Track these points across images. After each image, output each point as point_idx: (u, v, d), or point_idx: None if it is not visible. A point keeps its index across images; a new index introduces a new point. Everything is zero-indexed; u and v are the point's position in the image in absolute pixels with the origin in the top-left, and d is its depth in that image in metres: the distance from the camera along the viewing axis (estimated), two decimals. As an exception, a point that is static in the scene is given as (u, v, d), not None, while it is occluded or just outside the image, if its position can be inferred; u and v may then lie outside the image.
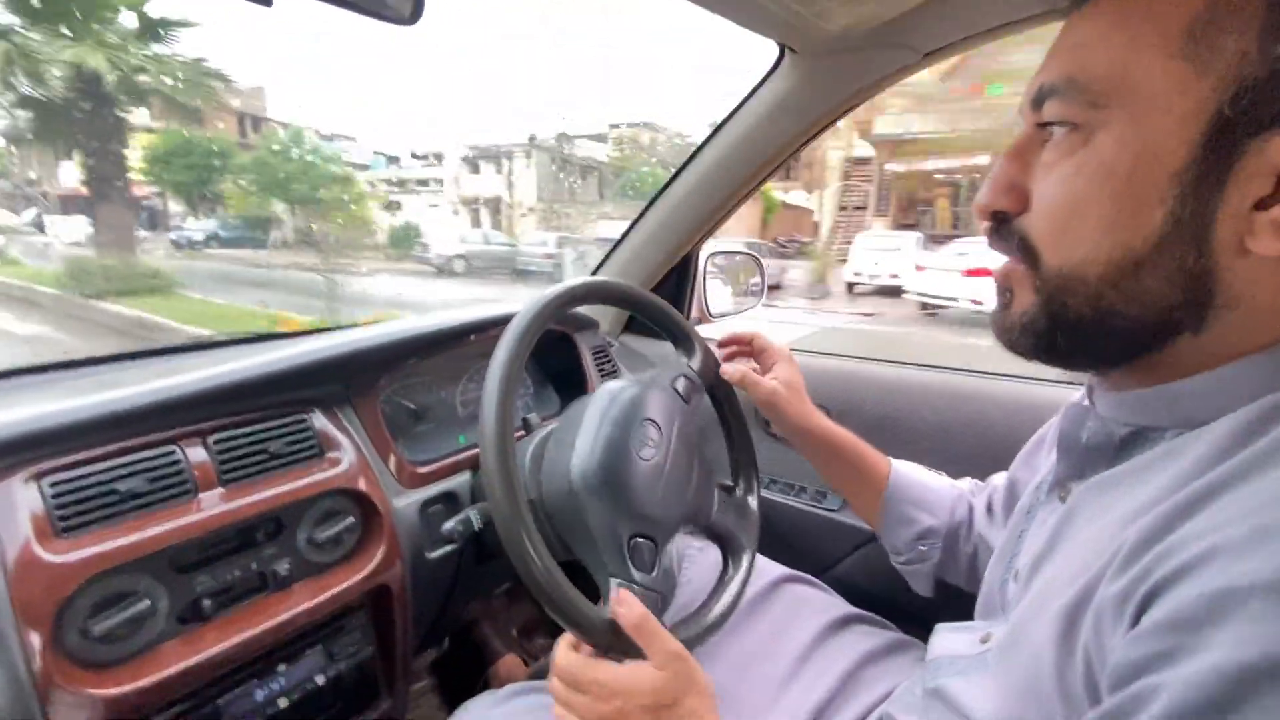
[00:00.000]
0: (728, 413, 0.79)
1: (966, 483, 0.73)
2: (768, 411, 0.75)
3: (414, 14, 0.53)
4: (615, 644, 0.54)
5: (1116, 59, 0.34)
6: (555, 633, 1.15)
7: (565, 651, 0.55)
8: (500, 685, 0.80)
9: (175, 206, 18.09)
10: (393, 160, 26.58)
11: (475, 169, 23.44)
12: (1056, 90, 0.37)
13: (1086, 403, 0.44)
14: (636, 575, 0.61)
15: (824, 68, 0.88)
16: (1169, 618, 0.28)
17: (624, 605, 0.52)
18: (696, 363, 0.76)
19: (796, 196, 22.38)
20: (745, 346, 0.79)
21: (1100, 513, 0.39)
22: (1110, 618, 0.32)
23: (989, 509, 0.67)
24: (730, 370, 0.74)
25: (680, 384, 0.73)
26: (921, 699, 0.51)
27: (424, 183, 24.50)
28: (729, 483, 0.77)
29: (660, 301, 0.78)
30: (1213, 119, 0.32)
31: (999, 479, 0.67)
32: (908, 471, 0.73)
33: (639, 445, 0.70)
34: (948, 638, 0.53)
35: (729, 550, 0.72)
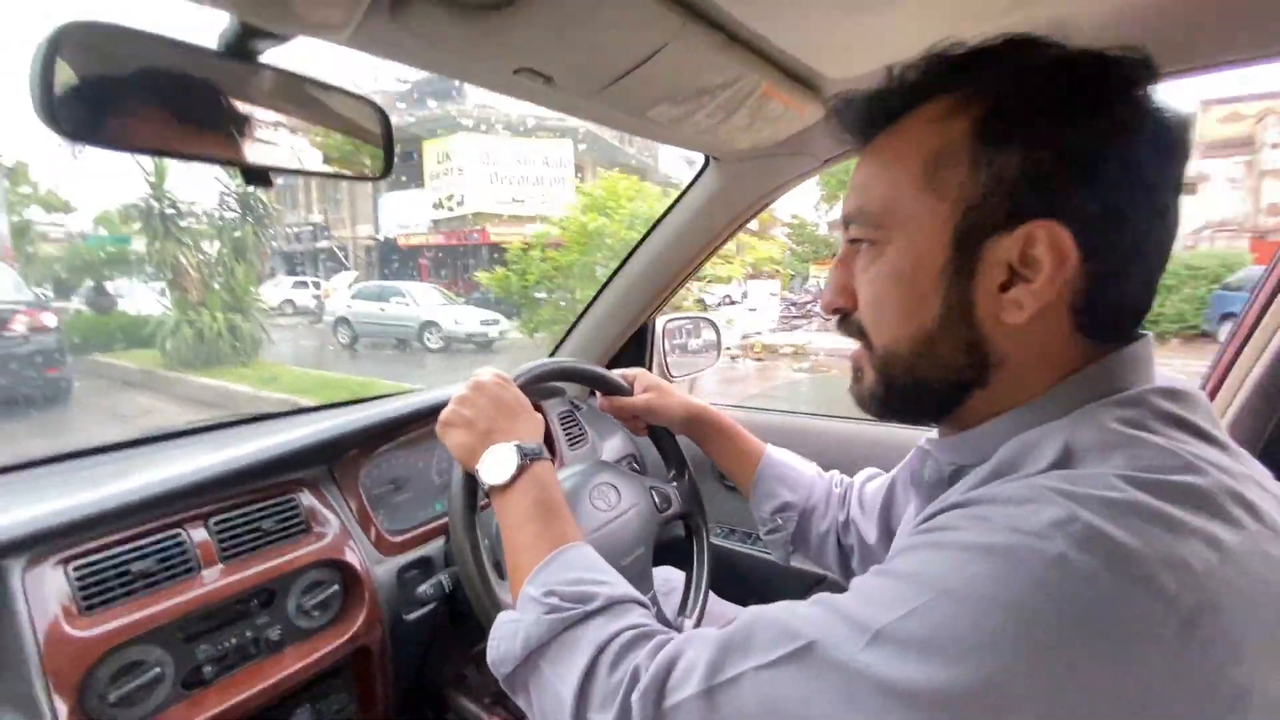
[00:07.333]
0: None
1: (835, 474, 0.85)
2: (650, 417, 0.89)
3: (385, 171, 0.67)
4: None
5: (887, 194, 0.46)
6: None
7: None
8: None
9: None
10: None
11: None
12: (853, 218, 0.48)
13: (926, 448, 0.54)
14: None
15: (742, 172, 1.03)
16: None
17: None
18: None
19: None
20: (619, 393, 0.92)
21: None
22: None
23: (861, 504, 0.78)
24: (601, 402, 0.91)
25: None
26: None
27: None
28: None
29: (590, 368, 0.91)
30: (955, 230, 0.42)
31: (862, 476, 0.81)
32: (779, 455, 0.85)
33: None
34: None
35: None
